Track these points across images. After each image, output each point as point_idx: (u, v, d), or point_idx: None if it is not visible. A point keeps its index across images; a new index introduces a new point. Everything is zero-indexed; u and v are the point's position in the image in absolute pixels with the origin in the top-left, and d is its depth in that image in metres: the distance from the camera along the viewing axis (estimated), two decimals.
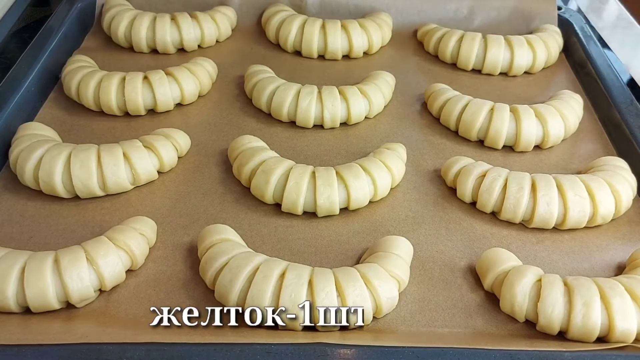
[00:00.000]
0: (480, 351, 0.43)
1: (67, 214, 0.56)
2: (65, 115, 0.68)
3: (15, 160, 0.57)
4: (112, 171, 0.56)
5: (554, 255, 0.54)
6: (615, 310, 0.44)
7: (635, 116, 0.65)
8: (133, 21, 0.77)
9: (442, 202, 0.59)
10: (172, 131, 0.62)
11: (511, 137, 0.64)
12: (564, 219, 0.54)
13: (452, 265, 0.53)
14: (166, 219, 0.56)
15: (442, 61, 0.79)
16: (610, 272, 0.52)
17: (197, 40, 0.78)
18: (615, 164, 0.59)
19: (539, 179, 0.55)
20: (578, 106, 0.67)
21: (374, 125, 0.69)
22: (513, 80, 0.76)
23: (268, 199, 0.56)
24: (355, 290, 0.46)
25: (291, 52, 0.80)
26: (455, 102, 0.66)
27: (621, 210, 0.56)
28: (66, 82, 0.68)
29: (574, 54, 0.80)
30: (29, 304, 0.45)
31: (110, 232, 0.50)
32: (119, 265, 0.48)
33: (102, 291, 0.49)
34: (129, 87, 0.65)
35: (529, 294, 0.47)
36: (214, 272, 0.48)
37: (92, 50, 0.78)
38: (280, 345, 0.42)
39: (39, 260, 0.46)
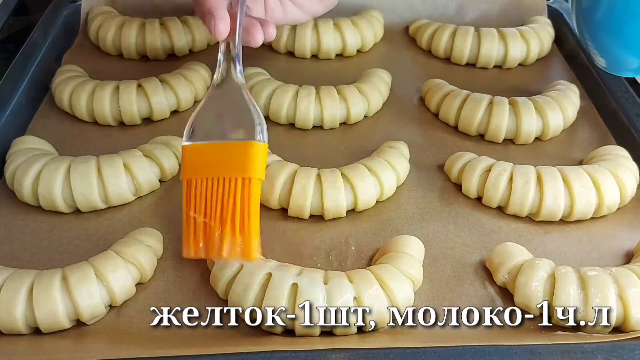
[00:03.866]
0: (501, 348, 0.42)
1: (69, 228, 0.55)
2: (58, 125, 0.66)
3: (11, 177, 0.56)
4: (114, 182, 0.55)
5: (563, 246, 0.54)
6: (630, 300, 0.45)
7: (631, 104, 0.66)
8: (121, 28, 0.75)
9: (447, 198, 0.59)
10: (171, 139, 0.61)
11: (511, 130, 0.64)
12: (571, 211, 0.55)
13: (463, 261, 0.53)
14: (171, 228, 0.55)
15: (436, 56, 0.79)
16: (619, 260, 0.53)
17: (188, 44, 0.77)
18: (617, 152, 0.59)
19: (544, 171, 0.55)
20: (575, 96, 0.67)
21: (373, 124, 0.68)
22: (508, 72, 0.77)
23: (274, 204, 0.56)
24: (371, 293, 0.45)
25: (284, 53, 0.79)
26: (453, 98, 0.66)
27: (626, 199, 0.56)
28: (57, 93, 0.67)
29: (565, 44, 0.80)
30: (39, 324, 0.44)
31: (116, 246, 0.49)
32: (128, 280, 0.47)
33: (112, 306, 0.48)
34: (124, 98, 0.64)
35: (544, 287, 0.47)
36: (226, 281, 0.47)
37: (80, 58, 0.76)
38: (299, 352, 0.42)
39: (47, 280, 0.45)
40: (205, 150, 0.47)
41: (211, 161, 0.46)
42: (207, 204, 0.45)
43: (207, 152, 0.47)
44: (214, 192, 0.45)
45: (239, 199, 0.45)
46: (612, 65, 0.52)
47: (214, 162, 0.46)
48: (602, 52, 0.51)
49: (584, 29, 0.50)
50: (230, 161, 0.46)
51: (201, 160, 0.47)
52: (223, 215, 0.45)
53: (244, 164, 0.46)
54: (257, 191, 0.45)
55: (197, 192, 0.45)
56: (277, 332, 0.46)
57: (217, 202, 0.45)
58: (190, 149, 0.47)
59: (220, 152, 0.46)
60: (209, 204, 0.45)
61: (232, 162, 0.46)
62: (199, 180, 0.46)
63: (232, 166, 0.46)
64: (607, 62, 0.51)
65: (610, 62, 0.51)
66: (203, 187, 0.45)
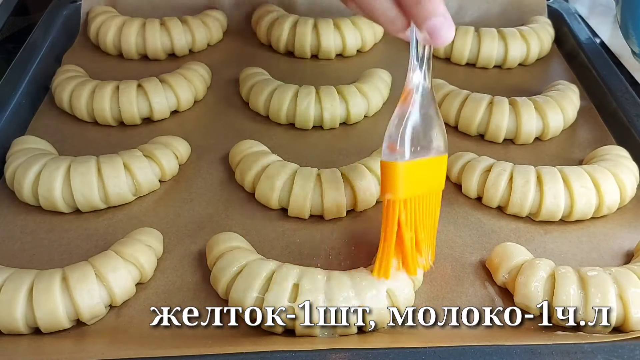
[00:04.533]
0: (501, 348, 0.42)
1: (69, 228, 0.55)
2: (58, 125, 0.67)
3: (11, 177, 0.56)
4: (114, 183, 0.55)
5: (562, 246, 0.54)
6: (630, 300, 0.45)
7: (631, 104, 0.66)
8: (121, 28, 0.75)
9: (447, 198, 0.59)
10: (170, 138, 0.61)
11: (511, 130, 0.64)
12: (571, 211, 0.55)
13: (463, 261, 0.52)
14: (171, 228, 0.55)
15: (436, 56, 0.79)
16: (619, 260, 0.53)
17: (188, 45, 0.77)
18: (617, 152, 0.59)
19: (544, 171, 0.55)
20: (575, 96, 0.67)
21: (373, 124, 0.68)
22: (508, 72, 0.77)
23: (274, 205, 0.56)
24: (372, 292, 0.45)
25: (284, 52, 0.79)
26: (453, 98, 0.66)
27: (626, 199, 0.56)
28: (57, 93, 0.67)
29: (565, 44, 0.80)
30: (39, 324, 0.44)
31: (116, 246, 0.49)
32: (128, 280, 0.47)
33: (112, 306, 0.48)
34: (124, 98, 0.64)
35: (544, 288, 0.47)
36: (227, 281, 0.47)
37: (80, 58, 0.76)
38: (299, 352, 0.42)
39: (47, 280, 0.45)
40: (417, 168, 0.45)
41: (422, 179, 0.46)
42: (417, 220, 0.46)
43: (419, 170, 0.45)
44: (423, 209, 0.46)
45: (434, 212, 0.48)
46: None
47: (424, 180, 0.46)
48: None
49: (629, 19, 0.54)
50: (434, 176, 0.47)
51: (414, 179, 0.45)
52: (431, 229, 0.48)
53: (442, 178, 0.48)
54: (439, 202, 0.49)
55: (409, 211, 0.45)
56: (277, 332, 0.46)
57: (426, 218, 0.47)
58: (406, 167, 0.44)
59: (429, 169, 0.46)
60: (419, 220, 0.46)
61: (434, 178, 0.47)
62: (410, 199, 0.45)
63: (435, 181, 0.47)
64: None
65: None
66: (412, 205, 0.45)
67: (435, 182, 0.47)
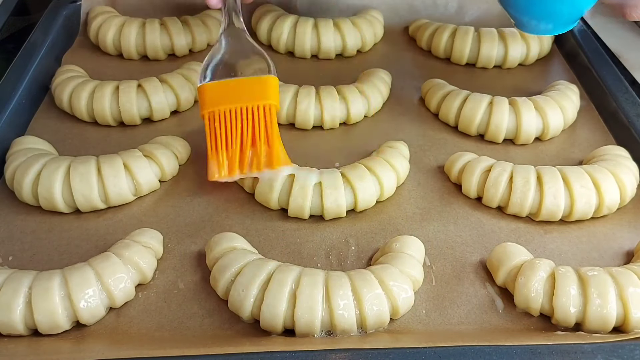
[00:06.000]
0: (501, 348, 0.42)
1: (68, 228, 0.55)
2: (58, 124, 0.67)
3: (11, 177, 0.56)
4: (114, 183, 0.55)
5: (562, 246, 0.54)
6: (630, 300, 0.45)
7: (631, 104, 0.66)
8: (122, 28, 0.75)
9: (447, 198, 0.59)
10: (170, 139, 0.61)
11: (511, 130, 0.64)
12: (571, 211, 0.55)
13: (463, 261, 0.52)
14: (171, 228, 0.55)
15: (436, 56, 0.79)
16: (619, 260, 0.53)
17: (188, 45, 0.77)
18: (616, 153, 0.59)
19: (544, 171, 0.55)
20: (575, 96, 0.67)
21: (373, 124, 0.68)
22: (508, 72, 0.77)
23: (273, 205, 0.56)
24: (372, 293, 0.45)
25: (284, 52, 0.79)
26: (453, 98, 0.66)
27: (626, 199, 0.56)
28: (57, 93, 0.67)
29: (565, 44, 0.80)
30: (38, 326, 0.44)
31: (116, 248, 0.49)
32: (128, 282, 0.47)
33: (111, 308, 0.48)
34: (124, 98, 0.64)
35: (544, 288, 0.47)
36: (226, 282, 0.47)
37: (80, 58, 0.76)
38: (299, 352, 0.42)
39: (46, 282, 0.45)
40: (223, 87, 0.54)
41: (230, 95, 0.54)
42: (230, 131, 0.53)
43: (226, 88, 0.54)
44: (236, 121, 0.53)
45: (262, 122, 0.53)
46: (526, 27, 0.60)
47: (233, 96, 0.54)
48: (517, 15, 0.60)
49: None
50: (250, 93, 0.54)
51: (220, 96, 0.54)
52: (247, 137, 0.53)
53: (264, 94, 0.54)
54: (275, 116, 0.55)
55: (219, 123, 0.53)
56: (277, 333, 0.46)
57: (240, 128, 0.53)
58: (209, 87, 0.55)
59: (238, 87, 0.55)
60: (232, 131, 0.53)
61: (251, 94, 0.54)
62: (220, 113, 0.53)
63: (252, 97, 0.54)
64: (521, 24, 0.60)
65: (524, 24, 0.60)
66: (224, 118, 0.53)
67: (256, 95, 0.54)
